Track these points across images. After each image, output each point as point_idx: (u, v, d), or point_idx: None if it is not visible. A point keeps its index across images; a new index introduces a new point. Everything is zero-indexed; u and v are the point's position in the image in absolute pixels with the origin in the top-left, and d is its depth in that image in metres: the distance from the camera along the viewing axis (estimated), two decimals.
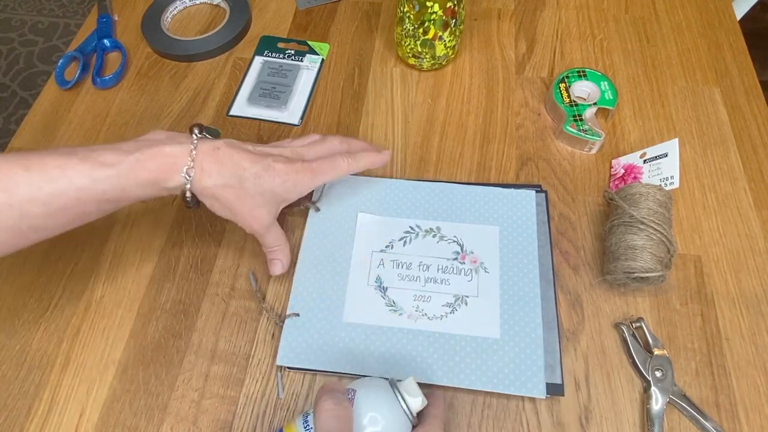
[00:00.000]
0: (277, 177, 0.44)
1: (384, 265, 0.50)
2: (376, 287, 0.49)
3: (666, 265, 0.46)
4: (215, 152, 0.42)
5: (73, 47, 0.67)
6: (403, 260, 0.50)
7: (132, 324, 0.48)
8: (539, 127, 0.60)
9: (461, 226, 0.52)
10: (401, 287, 0.49)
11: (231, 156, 0.42)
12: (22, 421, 0.44)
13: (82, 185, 0.38)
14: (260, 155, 0.44)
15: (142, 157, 0.40)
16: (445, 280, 0.49)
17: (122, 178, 0.39)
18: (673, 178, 0.51)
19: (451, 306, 0.48)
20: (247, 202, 0.43)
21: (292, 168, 0.44)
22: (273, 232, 0.47)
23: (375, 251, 0.51)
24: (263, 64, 0.66)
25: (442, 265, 0.50)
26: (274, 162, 0.44)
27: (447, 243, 0.51)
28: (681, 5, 0.70)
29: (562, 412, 0.44)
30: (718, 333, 0.47)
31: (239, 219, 0.44)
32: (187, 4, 0.72)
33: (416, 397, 0.38)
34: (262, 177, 0.43)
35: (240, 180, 0.42)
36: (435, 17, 0.57)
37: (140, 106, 0.63)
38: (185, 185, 0.41)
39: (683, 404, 0.43)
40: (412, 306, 0.48)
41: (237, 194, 0.42)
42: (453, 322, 0.47)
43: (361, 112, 0.62)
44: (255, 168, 0.43)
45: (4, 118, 1.62)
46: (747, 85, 0.62)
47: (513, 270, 0.49)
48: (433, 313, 0.47)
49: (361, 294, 0.48)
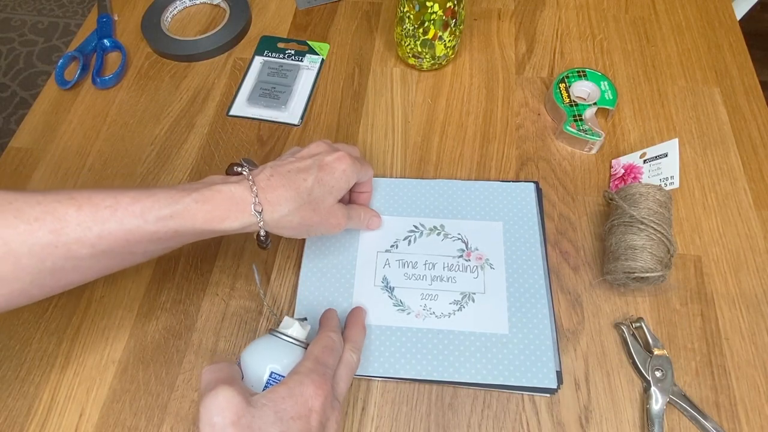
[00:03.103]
0: (336, 170, 0.43)
1: (390, 265, 0.50)
2: (383, 287, 0.49)
3: (666, 265, 0.46)
4: (271, 180, 0.40)
5: (73, 47, 0.67)
6: (409, 259, 0.50)
7: (132, 324, 0.48)
8: (539, 127, 0.60)
9: (465, 223, 0.52)
10: (408, 286, 0.49)
11: (286, 177, 0.41)
12: (22, 421, 0.44)
13: (133, 227, 0.36)
14: (306, 160, 0.43)
15: (200, 197, 0.38)
16: (452, 278, 0.49)
17: (177, 218, 0.37)
18: (673, 178, 0.51)
19: (458, 303, 0.48)
20: (322, 209, 0.42)
21: (338, 157, 0.43)
22: (353, 216, 0.47)
23: (380, 251, 0.51)
24: (263, 64, 0.66)
25: (447, 263, 0.50)
26: (321, 160, 0.43)
27: (452, 240, 0.51)
28: (681, 5, 0.70)
29: (562, 412, 0.44)
30: (718, 333, 0.47)
31: (322, 229, 0.44)
32: (187, 4, 0.72)
33: (291, 326, 0.40)
34: (323, 178, 0.42)
35: (308, 194, 0.41)
36: (435, 17, 0.57)
37: (140, 106, 0.63)
38: (257, 224, 0.40)
39: (683, 404, 0.43)
40: (419, 305, 0.48)
41: (312, 208, 0.42)
42: (461, 320, 0.47)
43: (361, 112, 0.62)
44: (312, 175, 0.42)
45: (4, 118, 1.62)
46: (747, 85, 0.62)
47: (518, 263, 0.49)
48: (440, 312, 0.47)
49: (368, 295, 0.49)
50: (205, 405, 0.33)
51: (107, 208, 0.36)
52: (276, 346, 0.39)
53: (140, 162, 0.58)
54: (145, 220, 0.36)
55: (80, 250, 0.35)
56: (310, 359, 0.38)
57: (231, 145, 0.59)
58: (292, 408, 0.34)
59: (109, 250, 0.36)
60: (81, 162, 0.58)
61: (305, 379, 0.35)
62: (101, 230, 0.35)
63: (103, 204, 0.36)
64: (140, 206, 0.37)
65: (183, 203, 0.37)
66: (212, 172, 0.57)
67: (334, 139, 0.59)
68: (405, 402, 0.44)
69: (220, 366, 0.36)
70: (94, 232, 0.35)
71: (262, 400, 0.34)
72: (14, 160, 0.59)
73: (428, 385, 0.45)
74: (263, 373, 0.38)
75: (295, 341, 0.40)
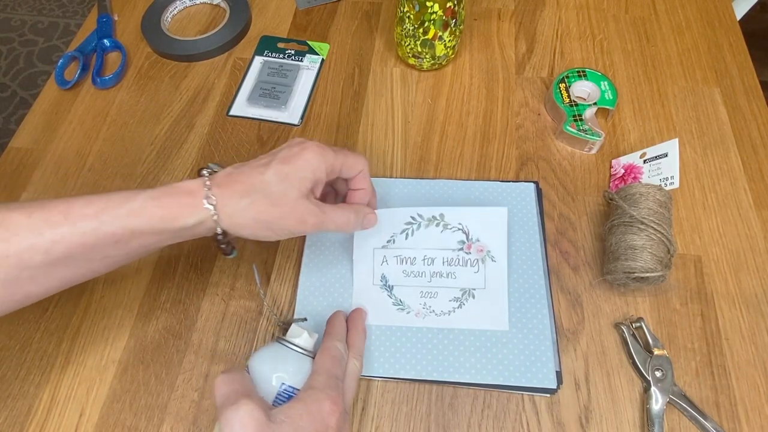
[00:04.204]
0: (299, 159, 0.39)
1: (387, 262, 0.49)
2: (382, 286, 0.49)
3: (666, 265, 0.46)
4: (229, 176, 0.39)
5: (73, 47, 0.67)
6: (407, 255, 0.48)
7: (132, 324, 0.48)
8: (539, 127, 0.60)
9: (467, 210, 0.48)
10: (407, 284, 0.48)
11: (245, 173, 0.39)
12: (22, 421, 0.44)
13: (88, 229, 0.35)
14: (269, 157, 0.40)
15: (155, 193, 0.37)
16: (451, 273, 0.48)
17: (133, 217, 0.36)
18: (673, 178, 0.51)
19: (458, 300, 0.48)
20: (283, 204, 0.39)
21: (302, 147, 0.40)
22: (334, 216, 0.41)
23: (377, 248, 0.49)
24: (263, 64, 0.66)
25: (447, 257, 0.48)
26: (286, 151, 0.40)
27: (451, 231, 0.48)
28: (681, 5, 0.70)
29: (562, 412, 0.44)
30: (718, 333, 0.47)
31: (285, 227, 0.39)
32: (187, 4, 0.72)
33: (299, 336, 0.40)
34: (282, 170, 0.39)
35: (265, 186, 0.38)
36: (435, 17, 0.57)
37: (140, 106, 0.63)
38: (212, 217, 0.38)
39: (683, 404, 0.43)
40: (419, 303, 0.48)
41: (270, 202, 0.38)
42: (460, 317, 0.47)
43: (361, 112, 0.62)
44: (271, 168, 0.39)
45: (4, 118, 1.62)
46: (747, 85, 0.62)
47: (518, 261, 0.49)
48: (440, 309, 0.47)
49: (367, 294, 0.48)
50: (227, 419, 0.33)
51: (59, 213, 0.35)
52: (284, 356, 0.39)
53: (140, 162, 0.58)
54: (101, 221, 0.35)
55: (33, 258, 0.34)
56: (323, 374, 0.38)
57: (231, 145, 0.59)
58: (310, 425, 0.34)
59: (65, 256, 0.35)
60: (81, 162, 0.58)
61: (321, 395, 0.36)
62: (54, 235, 0.34)
63: (56, 209, 0.35)
64: (94, 208, 0.36)
65: (138, 200, 0.37)
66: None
67: (334, 139, 0.59)
68: (405, 402, 0.44)
69: (236, 377, 0.36)
70: (46, 237, 0.34)
71: (281, 416, 0.34)
72: (14, 160, 0.59)
73: (428, 385, 0.45)
74: (271, 381, 0.38)
75: (303, 351, 0.40)
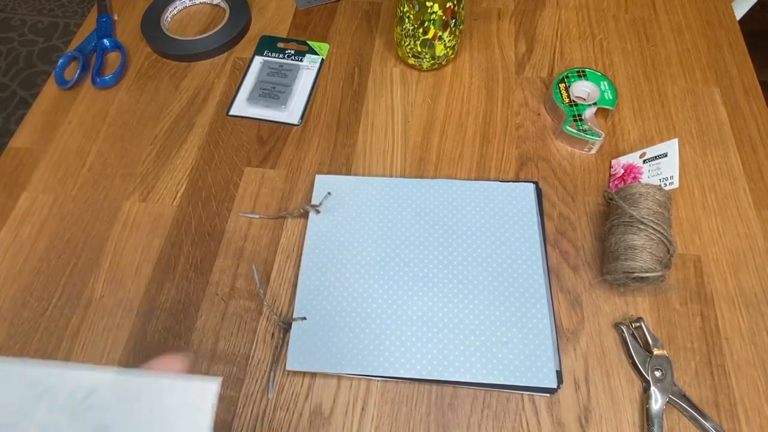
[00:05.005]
0: None
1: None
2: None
3: (666, 265, 0.46)
4: None
5: (72, 47, 0.67)
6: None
7: (132, 324, 0.48)
8: (539, 127, 0.60)
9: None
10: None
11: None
12: None
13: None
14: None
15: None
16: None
17: None
18: (672, 178, 0.51)
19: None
20: None
21: None
22: None
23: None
24: (263, 64, 0.66)
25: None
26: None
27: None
28: (681, 5, 0.70)
29: (562, 411, 0.44)
30: (717, 333, 0.47)
31: None
32: (187, 4, 0.72)
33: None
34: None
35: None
36: (435, 17, 0.57)
37: (140, 106, 0.63)
38: None
39: (683, 404, 0.43)
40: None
41: None
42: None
43: (361, 112, 0.62)
44: None
45: (4, 118, 1.62)
46: (747, 85, 0.62)
47: (518, 263, 0.49)
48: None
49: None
50: None
51: None
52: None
53: (140, 162, 0.58)
54: None
55: None
56: None
57: (231, 145, 0.59)
58: None
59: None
60: (81, 162, 0.58)
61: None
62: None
63: None
64: None
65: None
66: (212, 172, 0.57)
67: (333, 139, 0.59)
68: (405, 402, 0.44)
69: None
70: None
71: None
72: (14, 160, 0.59)
73: (428, 384, 0.45)
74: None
75: None
